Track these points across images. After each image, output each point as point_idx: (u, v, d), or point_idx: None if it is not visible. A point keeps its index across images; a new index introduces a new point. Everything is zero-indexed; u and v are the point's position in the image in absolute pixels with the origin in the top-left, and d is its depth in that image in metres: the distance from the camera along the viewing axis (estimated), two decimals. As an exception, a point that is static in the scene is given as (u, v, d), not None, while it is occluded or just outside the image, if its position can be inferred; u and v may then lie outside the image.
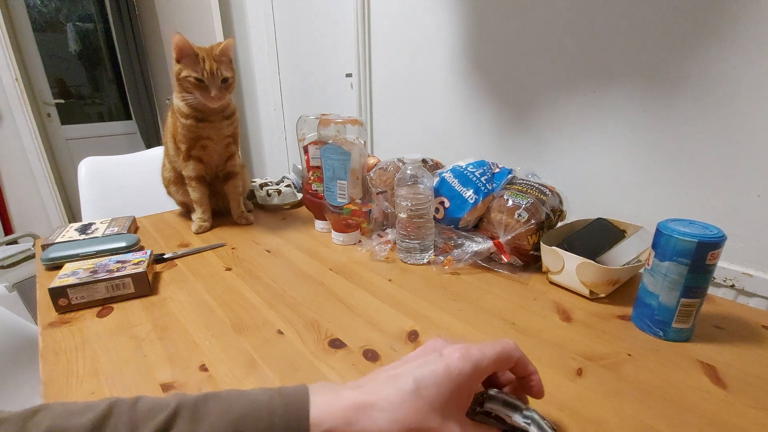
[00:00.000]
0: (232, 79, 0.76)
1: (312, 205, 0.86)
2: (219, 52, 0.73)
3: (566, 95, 0.86)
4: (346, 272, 0.67)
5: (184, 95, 0.75)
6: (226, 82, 0.75)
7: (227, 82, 0.76)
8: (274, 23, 1.83)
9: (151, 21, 2.82)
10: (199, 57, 0.72)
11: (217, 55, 0.73)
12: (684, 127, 0.71)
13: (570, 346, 0.47)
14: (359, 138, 0.73)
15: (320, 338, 0.49)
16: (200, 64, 0.72)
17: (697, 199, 0.72)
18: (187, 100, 0.75)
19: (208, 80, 0.73)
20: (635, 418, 0.37)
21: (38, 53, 2.74)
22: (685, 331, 0.47)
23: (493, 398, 0.33)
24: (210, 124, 0.79)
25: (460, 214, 0.68)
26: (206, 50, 0.73)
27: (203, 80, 0.72)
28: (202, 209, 0.86)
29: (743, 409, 0.38)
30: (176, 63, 0.73)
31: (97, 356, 0.47)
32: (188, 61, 0.72)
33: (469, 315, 0.54)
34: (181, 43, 0.71)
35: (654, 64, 0.73)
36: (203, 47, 0.73)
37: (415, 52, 1.18)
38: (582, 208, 0.87)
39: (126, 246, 0.73)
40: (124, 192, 1.23)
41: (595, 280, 0.55)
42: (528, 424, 0.32)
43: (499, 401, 0.33)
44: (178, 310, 0.56)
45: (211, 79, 0.73)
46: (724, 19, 0.64)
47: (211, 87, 0.73)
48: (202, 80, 0.72)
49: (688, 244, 0.43)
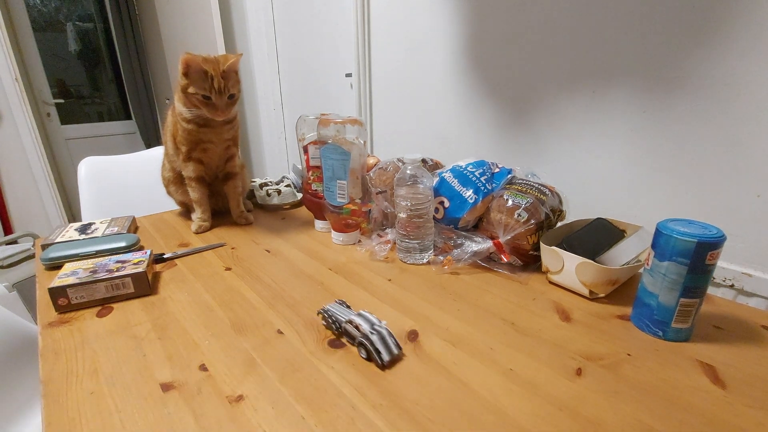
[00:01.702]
0: (238, 95, 0.77)
1: (312, 205, 0.86)
2: (227, 69, 0.74)
3: (566, 95, 0.86)
4: (345, 272, 0.67)
5: (189, 108, 0.76)
6: (233, 98, 0.76)
7: (233, 98, 0.76)
8: (274, 23, 1.83)
9: (151, 21, 2.82)
10: (207, 75, 0.72)
11: (225, 71, 0.74)
12: (683, 127, 0.71)
13: (569, 346, 0.47)
14: (359, 138, 0.73)
15: (320, 338, 0.49)
16: (208, 81, 0.72)
17: (697, 199, 0.72)
18: (192, 112, 0.76)
19: (216, 98, 0.74)
20: (634, 418, 0.37)
21: (38, 53, 2.74)
22: (684, 331, 0.47)
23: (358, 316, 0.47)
24: (211, 128, 0.80)
25: (460, 214, 0.68)
26: (214, 65, 0.72)
27: (210, 97, 0.73)
28: (201, 209, 0.86)
29: (742, 408, 0.38)
30: (183, 77, 0.72)
31: (96, 356, 0.47)
32: (196, 77, 0.72)
33: (469, 315, 0.54)
34: (190, 62, 0.71)
35: (654, 65, 0.73)
36: (211, 60, 0.73)
37: (415, 52, 1.18)
38: (582, 208, 0.87)
39: (126, 246, 0.73)
40: (123, 192, 1.23)
41: (594, 280, 0.55)
42: (372, 333, 0.44)
43: (361, 318, 0.46)
44: (177, 309, 0.56)
45: (218, 97, 0.74)
46: (724, 19, 0.64)
47: (218, 104, 0.74)
48: (209, 97, 0.73)
49: (687, 244, 0.43)
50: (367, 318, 0.46)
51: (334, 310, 0.49)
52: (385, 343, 0.43)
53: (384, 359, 0.43)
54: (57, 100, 2.90)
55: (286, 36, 1.78)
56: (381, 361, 0.43)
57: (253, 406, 0.39)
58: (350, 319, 0.46)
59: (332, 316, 0.49)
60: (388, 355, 0.43)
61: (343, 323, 0.47)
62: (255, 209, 1.02)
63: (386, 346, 0.43)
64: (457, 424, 0.37)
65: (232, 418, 0.38)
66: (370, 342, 0.43)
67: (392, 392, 0.41)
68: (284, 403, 0.39)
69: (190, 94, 0.73)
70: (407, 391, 0.41)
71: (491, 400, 0.39)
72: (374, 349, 0.43)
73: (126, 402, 0.40)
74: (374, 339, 0.43)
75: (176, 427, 0.37)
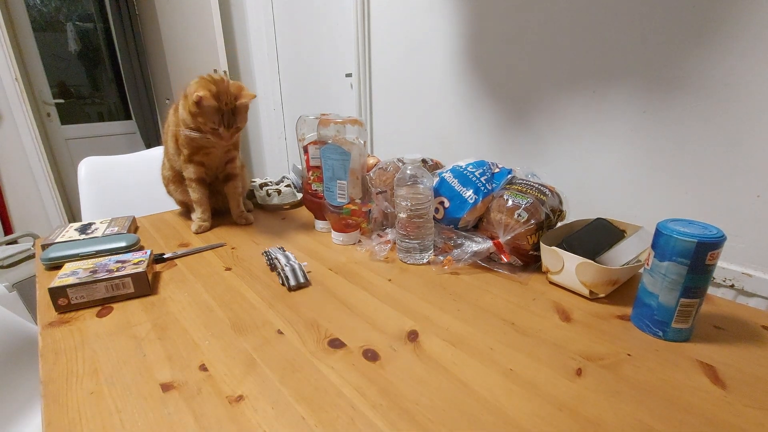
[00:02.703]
0: (243, 125, 0.79)
1: (312, 205, 0.86)
2: (239, 105, 0.75)
3: (566, 95, 0.86)
4: (345, 272, 0.67)
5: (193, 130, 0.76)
6: (238, 129, 0.78)
7: (239, 129, 0.78)
8: (274, 23, 1.83)
9: (151, 21, 2.82)
10: (219, 111, 0.73)
11: (237, 107, 0.75)
12: (683, 127, 0.71)
13: (569, 346, 0.47)
14: (359, 138, 0.73)
15: (320, 338, 0.49)
16: (218, 116, 0.73)
17: (697, 199, 0.72)
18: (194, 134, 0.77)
19: (223, 131, 0.75)
20: (634, 418, 0.37)
21: (38, 53, 2.74)
22: (684, 331, 0.47)
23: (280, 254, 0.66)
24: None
25: (460, 214, 0.68)
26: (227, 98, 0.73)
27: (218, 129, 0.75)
28: (201, 209, 0.86)
29: (742, 409, 0.38)
30: (195, 105, 0.72)
31: (96, 356, 0.47)
32: (208, 111, 0.73)
33: (469, 315, 0.54)
34: (207, 102, 0.71)
35: (654, 65, 0.73)
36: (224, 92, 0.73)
37: (415, 52, 1.18)
38: (582, 208, 0.87)
39: (126, 246, 0.73)
40: (123, 192, 1.23)
41: (594, 280, 0.55)
42: (286, 266, 0.62)
43: (282, 255, 0.66)
44: (177, 310, 0.56)
45: (225, 131, 0.75)
46: (724, 19, 0.64)
47: (224, 135, 0.76)
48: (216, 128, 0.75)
49: (687, 244, 0.43)
50: (286, 256, 0.66)
51: (272, 251, 0.68)
52: (294, 274, 0.61)
53: (291, 284, 0.60)
54: (57, 100, 2.90)
55: (286, 36, 1.78)
56: (288, 285, 0.60)
57: (253, 406, 0.39)
58: (276, 256, 0.66)
59: (269, 255, 0.68)
60: (294, 281, 0.61)
61: (273, 259, 0.66)
62: (255, 209, 1.02)
63: (294, 276, 0.61)
64: (457, 424, 0.37)
65: (232, 418, 0.38)
66: (283, 272, 0.62)
67: (392, 392, 0.41)
68: (284, 403, 0.39)
69: (199, 122, 0.74)
70: (407, 391, 0.41)
71: (491, 400, 0.39)
72: (284, 276, 0.61)
73: (126, 402, 0.40)
74: (287, 270, 0.62)
75: (176, 427, 0.37)
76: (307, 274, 0.64)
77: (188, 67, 2.30)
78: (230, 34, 2.11)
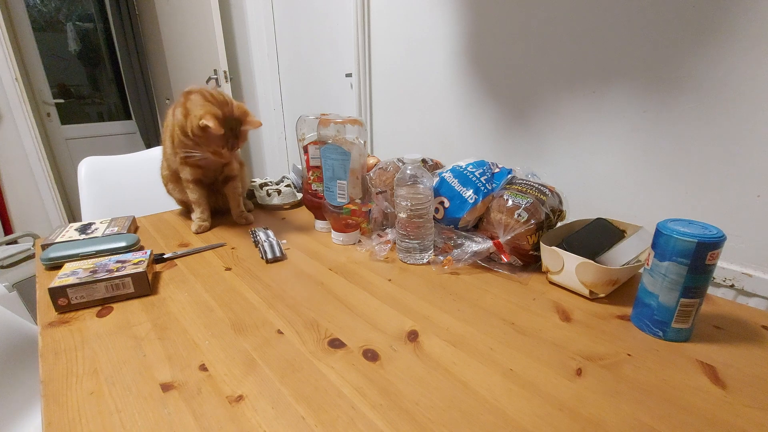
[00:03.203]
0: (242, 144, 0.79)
1: (312, 205, 0.86)
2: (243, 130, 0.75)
3: (566, 95, 0.86)
4: (345, 272, 0.67)
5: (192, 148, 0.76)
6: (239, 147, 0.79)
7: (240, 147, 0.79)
8: (274, 23, 1.83)
9: (151, 21, 2.82)
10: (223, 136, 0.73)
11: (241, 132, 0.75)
12: (683, 127, 0.71)
13: (569, 346, 0.47)
14: (359, 138, 0.73)
15: (320, 338, 0.49)
16: (222, 140, 0.74)
17: (697, 199, 0.72)
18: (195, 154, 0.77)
19: (225, 152, 0.76)
20: (634, 418, 0.37)
21: (38, 53, 2.74)
22: (684, 331, 0.47)
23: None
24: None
25: (460, 214, 0.68)
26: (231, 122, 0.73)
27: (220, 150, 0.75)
28: (201, 209, 0.86)
29: (742, 409, 0.38)
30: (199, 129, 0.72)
31: (96, 356, 0.47)
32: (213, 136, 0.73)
33: (469, 315, 0.54)
34: (214, 131, 0.70)
35: (654, 65, 0.73)
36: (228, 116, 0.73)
37: (415, 52, 1.18)
38: (582, 208, 0.87)
39: (126, 246, 0.73)
40: (124, 192, 1.23)
41: (594, 280, 0.55)
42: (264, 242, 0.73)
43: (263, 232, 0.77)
44: (177, 309, 0.56)
45: (227, 152, 0.76)
46: (724, 19, 0.64)
47: (225, 154, 0.76)
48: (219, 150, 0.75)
49: (687, 244, 0.43)
50: (267, 233, 0.76)
51: (257, 230, 0.79)
52: (272, 248, 0.71)
53: (268, 257, 0.70)
54: (57, 100, 2.90)
55: (286, 36, 1.78)
56: (266, 258, 0.70)
57: (253, 406, 0.39)
58: (258, 234, 0.77)
59: (254, 233, 0.78)
60: (271, 254, 0.70)
61: (256, 236, 0.77)
62: (255, 209, 1.02)
63: (272, 250, 0.71)
64: (457, 424, 0.37)
65: (232, 418, 0.38)
66: (262, 246, 0.72)
67: (392, 392, 0.41)
68: (284, 403, 0.39)
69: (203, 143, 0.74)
70: (407, 391, 0.41)
71: (491, 400, 0.39)
72: (263, 250, 0.71)
73: (126, 402, 0.40)
74: (265, 245, 0.72)
75: (176, 427, 0.37)
76: (285, 251, 0.74)
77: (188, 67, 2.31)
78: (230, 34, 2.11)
